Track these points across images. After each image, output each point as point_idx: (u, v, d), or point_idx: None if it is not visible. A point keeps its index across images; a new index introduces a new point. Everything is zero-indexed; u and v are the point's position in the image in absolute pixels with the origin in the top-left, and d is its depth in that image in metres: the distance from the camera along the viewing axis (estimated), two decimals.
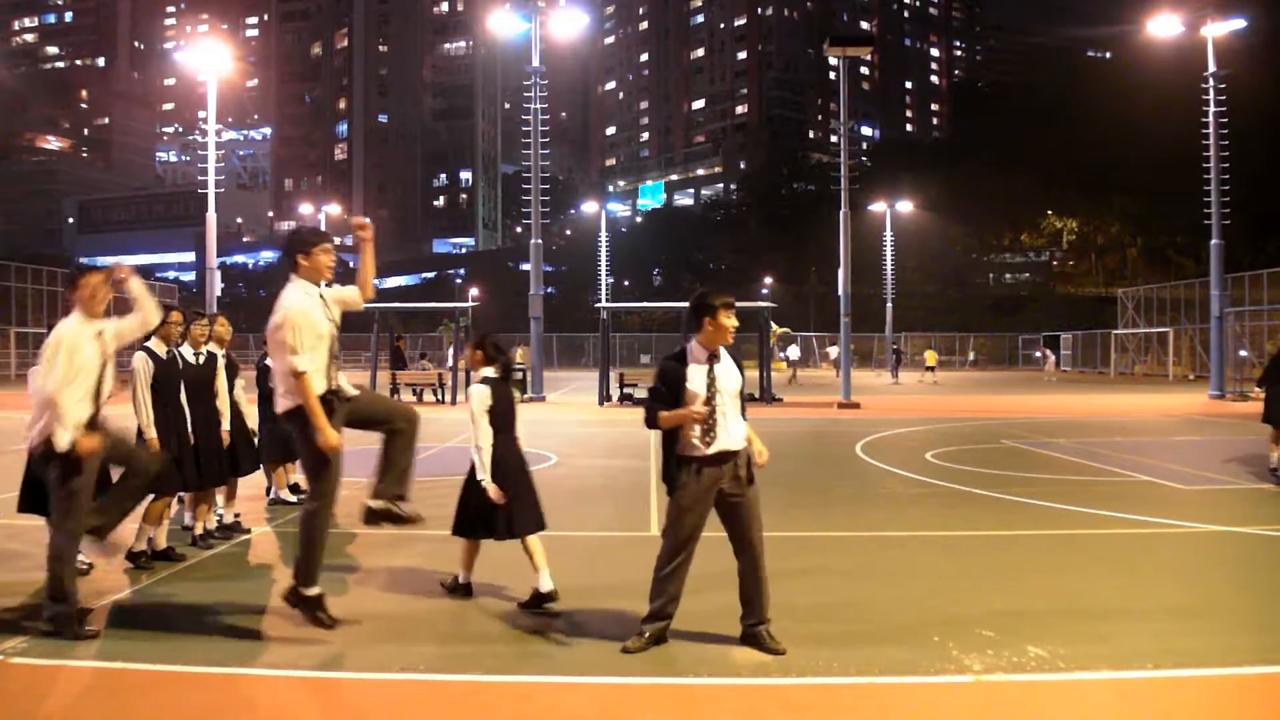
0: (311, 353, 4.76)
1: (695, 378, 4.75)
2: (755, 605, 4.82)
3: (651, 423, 4.78)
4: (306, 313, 4.80)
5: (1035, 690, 4.33)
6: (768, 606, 4.83)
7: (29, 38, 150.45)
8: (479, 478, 5.41)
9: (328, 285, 5.08)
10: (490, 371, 5.66)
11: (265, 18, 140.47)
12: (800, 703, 4.19)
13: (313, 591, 4.89)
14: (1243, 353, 32.54)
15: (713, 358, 4.81)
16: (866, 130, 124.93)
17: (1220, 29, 27.81)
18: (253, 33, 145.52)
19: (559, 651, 4.82)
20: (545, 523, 5.65)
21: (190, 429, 6.72)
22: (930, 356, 42.90)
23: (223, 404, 7.14)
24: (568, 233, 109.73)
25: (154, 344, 6.57)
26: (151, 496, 6.32)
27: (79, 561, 6.34)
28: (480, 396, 5.53)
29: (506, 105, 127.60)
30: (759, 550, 4.82)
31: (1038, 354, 57.50)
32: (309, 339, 4.76)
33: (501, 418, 5.56)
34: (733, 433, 4.76)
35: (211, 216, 28.29)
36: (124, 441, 5.50)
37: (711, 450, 4.71)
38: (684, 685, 4.37)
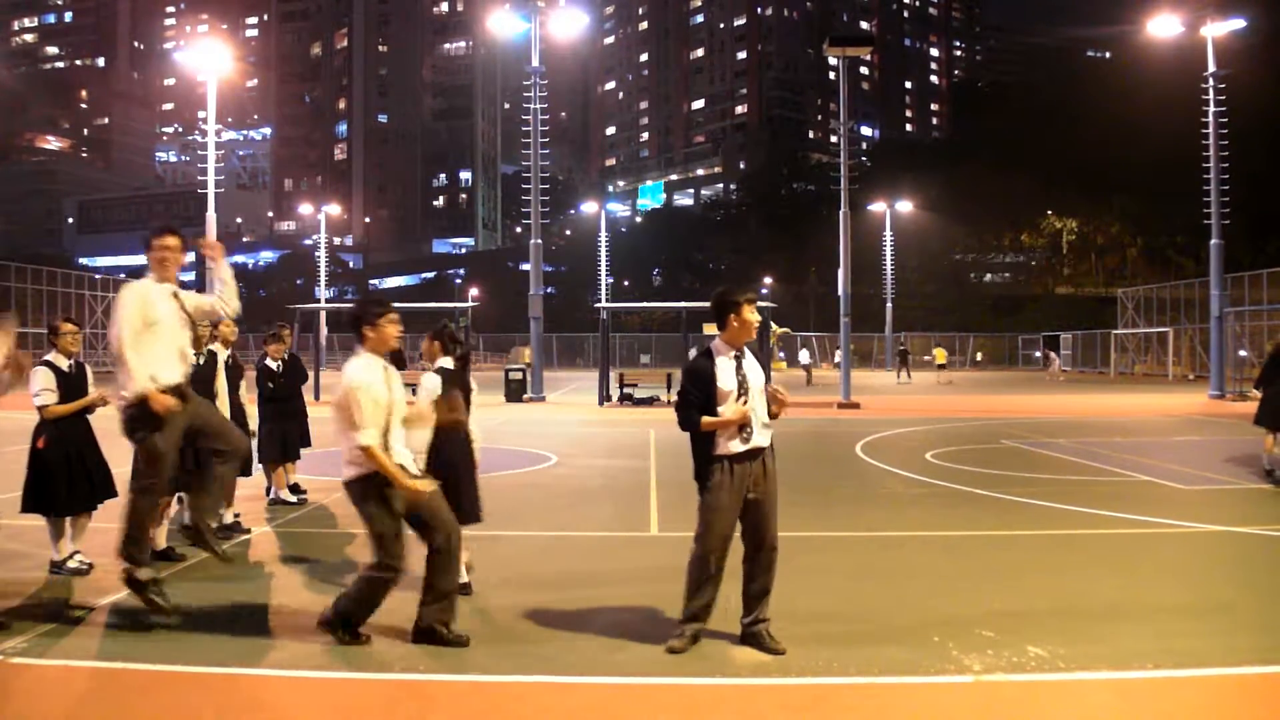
0: (374, 426, 4.76)
1: (725, 376, 4.78)
2: (759, 604, 4.84)
3: (688, 426, 4.79)
4: (370, 387, 4.79)
5: (1035, 690, 4.33)
6: (768, 606, 4.85)
7: (29, 38, 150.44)
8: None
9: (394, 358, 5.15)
10: (447, 362, 5.79)
11: (265, 18, 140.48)
12: (800, 703, 4.19)
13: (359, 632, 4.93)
14: (1242, 353, 32.53)
15: (738, 355, 4.84)
16: (866, 130, 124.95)
17: (1220, 29, 27.80)
18: (252, 33, 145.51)
19: (558, 651, 4.82)
20: (482, 516, 5.76)
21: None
22: (940, 354, 42.87)
23: (222, 404, 7.13)
24: (568, 233, 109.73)
25: None
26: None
27: (80, 561, 6.36)
28: (431, 385, 5.64)
29: (506, 105, 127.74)
30: (775, 549, 4.85)
31: (1037, 354, 57.51)
32: (370, 412, 4.77)
33: None
34: (760, 430, 4.81)
35: (211, 216, 28.29)
36: (213, 417, 5.47)
37: (746, 447, 4.76)
38: (684, 685, 4.37)
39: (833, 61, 30.51)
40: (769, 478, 4.83)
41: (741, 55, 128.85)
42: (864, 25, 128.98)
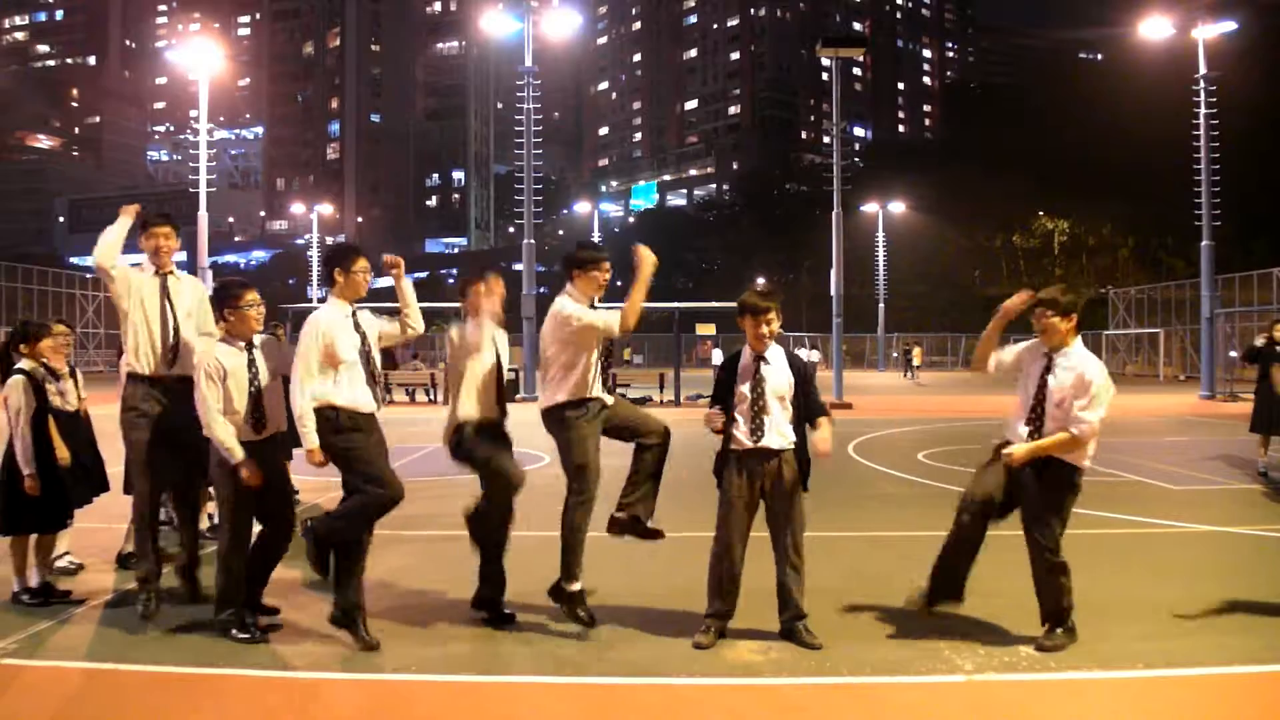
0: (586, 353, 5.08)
1: (743, 378, 4.95)
2: (791, 602, 4.93)
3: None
4: (584, 317, 5.08)
5: (1027, 690, 4.35)
6: (803, 603, 4.94)
7: (19, 36, 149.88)
8: (26, 471, 5.56)
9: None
10: (27, 365, 5.84)
11: (257, 16, 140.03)
12: (792, 703, 4.19)
13: (574, 587, 5.11)
14: (1233, 354, 32.62)
15: (759, 359, 4.93)
16: (859, 131, 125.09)
17: (1210, 31, 27.90)
18: (244, 31, 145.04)
19: (551, 652, 4.82)
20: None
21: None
22: (918, 355, 43.68)
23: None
24: (560, 233, 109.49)
25: None
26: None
27: (69, 561, 6.33)
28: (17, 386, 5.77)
29: (499, 105, 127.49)
30: (796, 550, 4.93)
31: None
32: (585, 343, 5.07)
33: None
34: (773, 432, 4.88)
35: (203, 216, 28.16)
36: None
37: (754, 446, 4.86)
38: (675, 685, 4.38)
39: (825, 62, 30.73)
40: (785, 479, 4.90)
41: (734, 56, 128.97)
42: (856, 26, 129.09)
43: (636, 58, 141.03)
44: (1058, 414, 4.80)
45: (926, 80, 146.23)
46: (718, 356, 41.02)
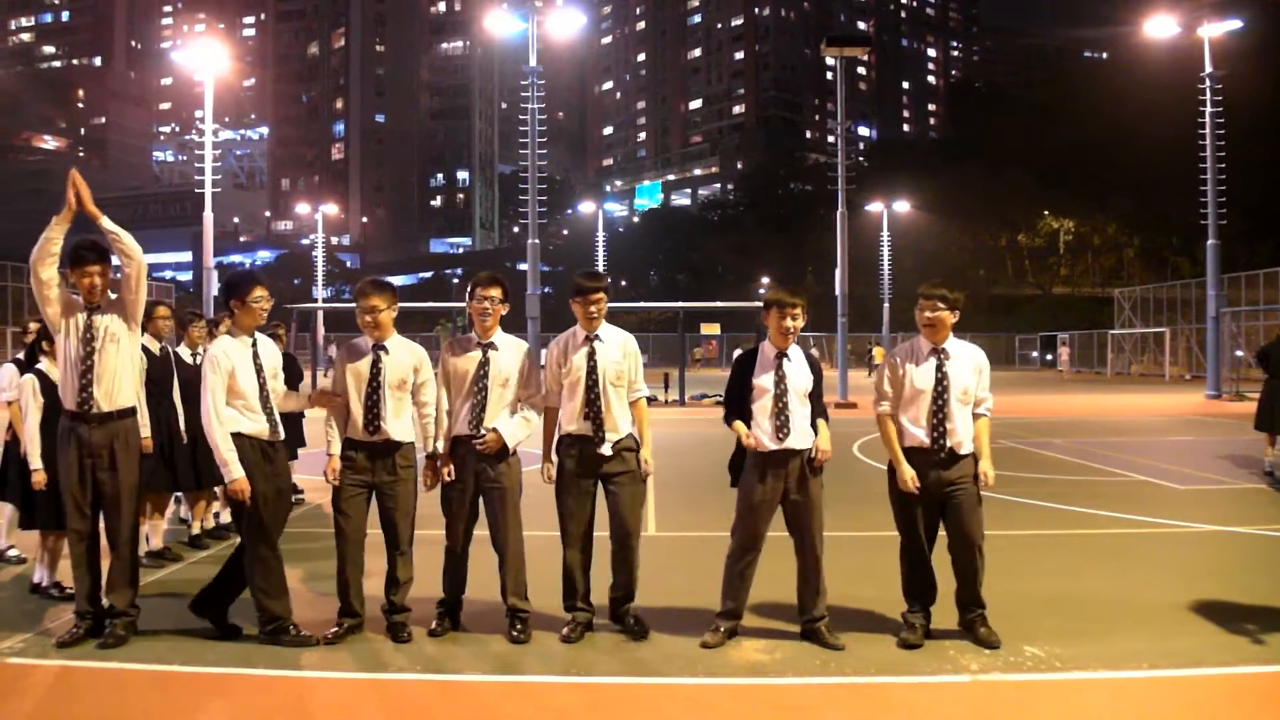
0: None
1: (763, 374, 4.89)
2: (811, 603, 4.91)
3: (726, 421, 4.97)
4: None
5: (1031, 690, 4.34)
6: (823, 604, 4.93)
7: (25, 37, 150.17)
8: (33, 466, 5.62)
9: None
10: (44, 364, 5.92)
11: (262, 17, 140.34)
12: (796, 703, 4.18)
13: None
14: (1239, 353, 32.56)
15: (782, 356, 4.88)
16: (863, 130, 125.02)
17: (1216, 30, 27.82)
18: (249, 32, 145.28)
19: (554, 651, 4.82)
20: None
21: (184, 428, 6.69)
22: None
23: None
24: (565, 233, 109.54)
25: (146, 340, 6.56)
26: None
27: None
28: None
29: (504, 105, 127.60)
30: (817, 551, 4.92)
31: (1034, 354, 57.62)
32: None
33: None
34: (798, 431, 4.83)
35: (208, 216, 28.22)
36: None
37: (777, 447, 4.80)
38: (678, 685, 4.37)
39: (830, 62, 30.72)
40: (808, 480, 4.88)
41: (739, 55, 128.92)
42: (861, 26, 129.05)
43: (641, 57, 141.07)
44: (964, 400, 4.97)
45: (931, 79, 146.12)
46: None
